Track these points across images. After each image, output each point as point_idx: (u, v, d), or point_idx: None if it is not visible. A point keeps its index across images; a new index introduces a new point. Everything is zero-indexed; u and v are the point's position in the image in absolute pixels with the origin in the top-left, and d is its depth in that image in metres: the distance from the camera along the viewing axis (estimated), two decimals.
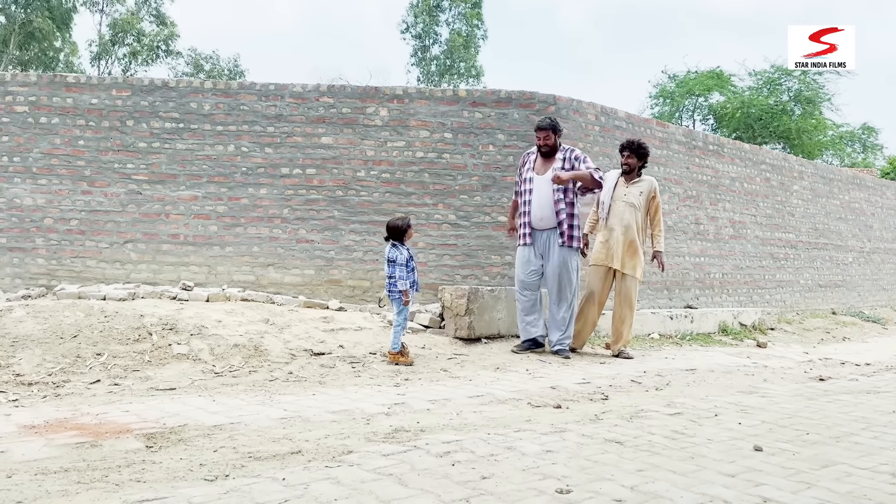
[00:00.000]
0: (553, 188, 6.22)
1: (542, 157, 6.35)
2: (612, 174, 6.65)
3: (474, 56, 38.10)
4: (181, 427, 3.32)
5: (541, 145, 6.31)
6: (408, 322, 5.76)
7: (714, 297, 9.88)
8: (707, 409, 4.21)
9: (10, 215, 7.63)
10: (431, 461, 2.87)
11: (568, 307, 6.29)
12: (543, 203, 6.25)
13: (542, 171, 6.32)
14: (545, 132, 6.27)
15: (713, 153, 10.05)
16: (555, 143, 6.31)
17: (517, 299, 6.44)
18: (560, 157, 6.30)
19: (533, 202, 6.29)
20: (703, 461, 3.02)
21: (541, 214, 6.26)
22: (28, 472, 2.61)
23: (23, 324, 5.39)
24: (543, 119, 6.34)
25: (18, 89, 7.75)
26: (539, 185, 6.29)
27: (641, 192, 6.46)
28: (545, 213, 6.25)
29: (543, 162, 6.35)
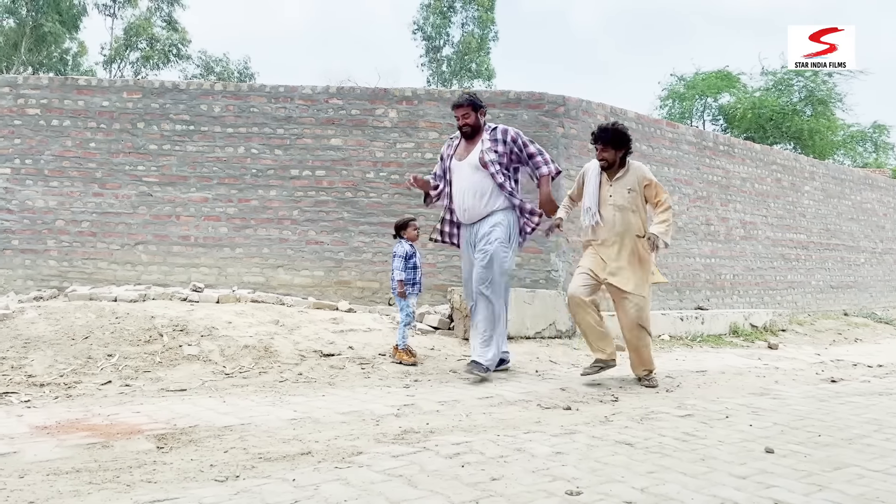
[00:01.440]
0: (480, 174, 5.20)
1: (466, 139, 5.37)
2: (592, 170, 5.34)
3: (486, 58, 38.10)
4: (192, 428, 3.33)
5: (461, 126, 5.32)
6: (413, 319, 5.74)
7: (725, 299, 9.84)
8: (718, 410, 4.19)
9: (23, 217, 7.68)
10: (441, 462, 2.87)
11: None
12: (467, 193, 5.25)
13: (464, 155, 5.32)
14: (464, 109, 5.28)
15: (724, 154, 10.01)
16: (477, 122, 5.30)
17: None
18: (487, 137, 5.27)
19: (455, 194, 5.36)
20: (714, 463, 3.01)
21: (464, 206, 5.28)
22: (40, 472, 2.62)
23: (35, 325, 5.42)
24: (461, 95, 5.39)
25: (30, 92, 7.80)
26: (461, 173, 5.30)
27: (629, 188, 5.12)
28: (469, 205, 5.25)
29: (466, 145, 5.36)
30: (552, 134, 7.83)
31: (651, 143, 8.92)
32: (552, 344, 6.78)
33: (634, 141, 8.66)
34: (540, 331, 6.93)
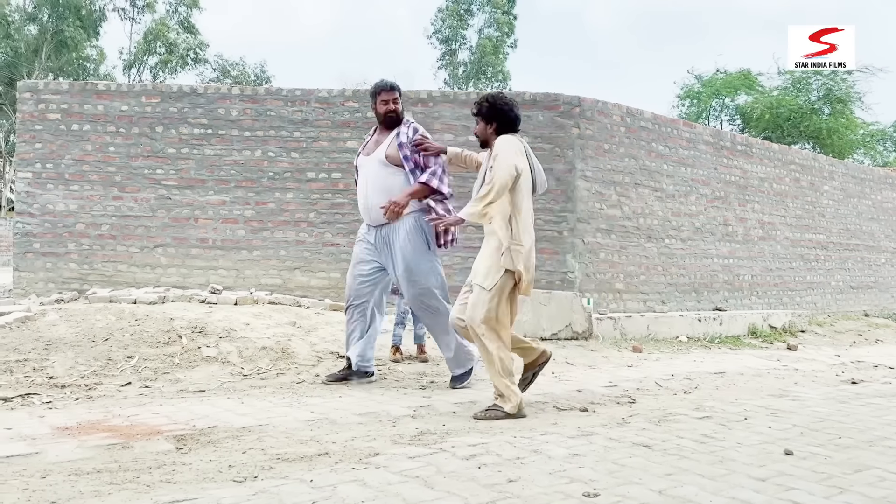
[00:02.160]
0: (387, 171, 4.61)
1: (386, 128, 4.74)
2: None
3: (502, 61, 38.09)
4: (210, 429, 3.36)
5: (389, 112, 4.70)
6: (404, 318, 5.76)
7: (743, 300, 9.76)
8: (736, 412, 4.16)
9: (44, 221, 7.78)
10: (458, 464, 2.87)
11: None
12: (371, 192, 4.60)
13: (372, 150, 4.71)
14: (393, 93, 4.74)
15: (741, 153, 9.94)
16: (401, 112, 4.77)
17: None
18: (403, 130, 4.68)
19: (360, 191, 4.73)
20: (733, 465, 2.99)
21: (368, 205, 4.63)
22: (62, 472, 2.66)
23: (56, 327, 5.49)
24: (388, 80, 4.86)
25: (51, 97, 7.90)
26: (367, 169, 4.70)
27: (490, 166, 4.15)
28: (373, 203, 4.59)
29: (377, 139, 4.76)
30: (568, 135, 7.82)
31: (668, 143, 8.87)
32: (568, 345, 6.76)
33: (651, 141, 8.67)
34: (556, 332, 6.91)
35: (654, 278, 8.63)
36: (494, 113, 4.22)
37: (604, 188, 8.13)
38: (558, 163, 7.80)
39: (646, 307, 8.47)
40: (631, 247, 8.39)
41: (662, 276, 8.73)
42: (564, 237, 7.77)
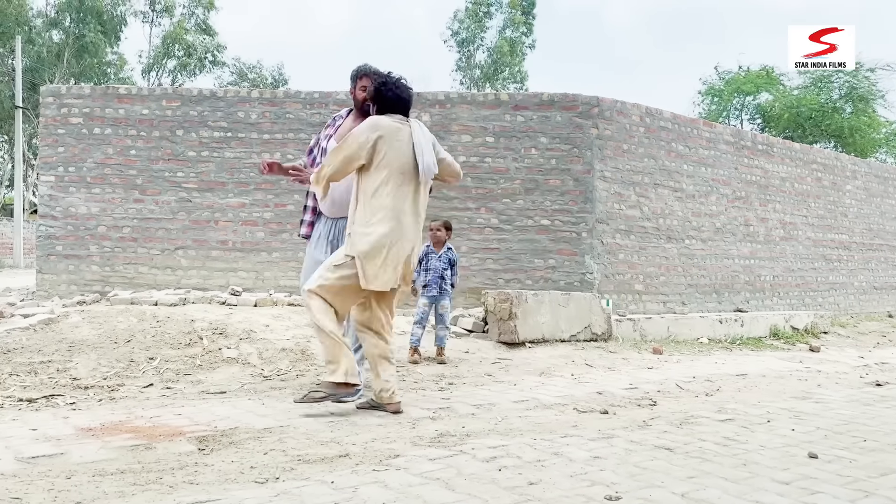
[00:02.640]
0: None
1: (361, 116, 4.38)
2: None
3: (520, 62, 38.06)
4: (232, 430, 3.38)
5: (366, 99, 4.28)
6: (422, 319, 5.80)
7: (765, 301, 9.67)
8: (759, 414, 4.12)
9: (66, 224, 7.87)
10: (478, 466, 2.87)
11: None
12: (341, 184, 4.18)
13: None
14: (368, 80, 4.35)
15: (762, 153, 9.84)
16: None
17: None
18: None
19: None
20: (756, 468, 2.96)
21: (333, 197, 4.27)
22: (86, 473, 2.68)
23: (79, 329, 5.56)
24: (367, 66, 4.53)
25: (73, 101, 8.00)
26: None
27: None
28: (338, 197, 4.28)
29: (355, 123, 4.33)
30: (586, 135, 7.79)
31: (688, 142, 8.81)
32: (587, 347, 6.73)
33: (671, 141, 8.61)
34: (575, 333, 6.89)
35: (675, 279, 8.57)
36: (375, 95, 4.08)
37: (623, 189, 8.08)
38: (576, 163, 7.78)
39: (666, 308, 8.41)
40: (650, 247, 8.34)
41: (683, 277, 8.67)
42: (583, 238, 7.74)
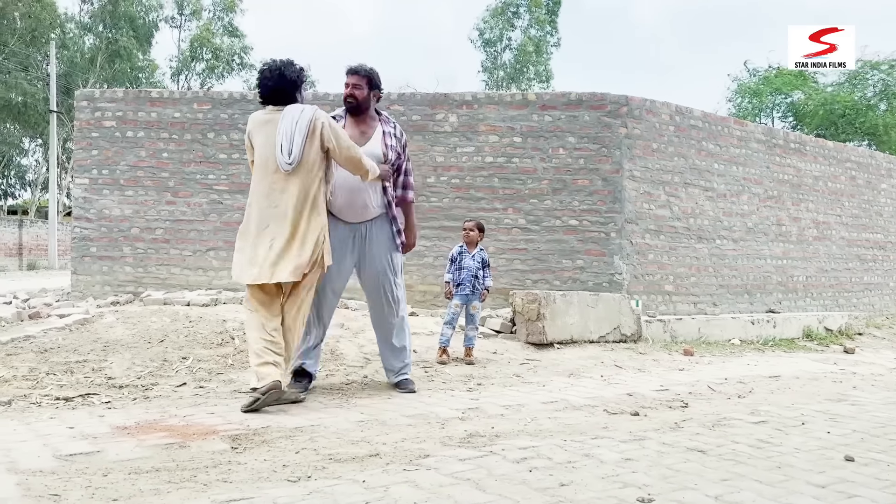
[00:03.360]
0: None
1: (352, 117, 4.47)
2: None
3: (545, 61, 37.98)
4: (264, 429, 3.41)
5: (346, 96, 4.40)
6: (452, 319, 5.82)
7: (798, 301, 9.52)
8: (793, 417, 4.06)
9: (100, 225, 8.02)
10: (508, 467, 2.86)
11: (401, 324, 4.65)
12: (360, 186, 4.31)
13: (359, 142, 4.32)
14: (357, 78, 4.41)
15: (794, 151, 9.69)
16: (366, 101, 4.44)
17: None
18: (390, 131, 4.50)
19: (341, 184, 4.33)
20: (791, 471, 2.91)
21: (360, 201, 4.37)
22: (122, 471, 2.73)
23: (113, 329, 5.65)
24: (361, 65, 4.51)
25: (106, 105, 8.14)
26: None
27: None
28: (364, 201, 4.37)
29: (358, 126, 4.44)
30: (615, 135, 7.74)
31: (718, 141, 8.71)
32: (617, 348, 6.69)
33: (701, 140, 8.53)
34: (604, 335, 6.84)
35: (705, 280, 8.48)
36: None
37: (652, 188, 8.01)
38: (605, 163, 7.73)
39: (696, 309, 8.32)
40: (681, 248, 8.25)
41: (714, 278, 8.57)
42: (612, 238, 7.68)
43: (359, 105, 4.43)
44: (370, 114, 4.52)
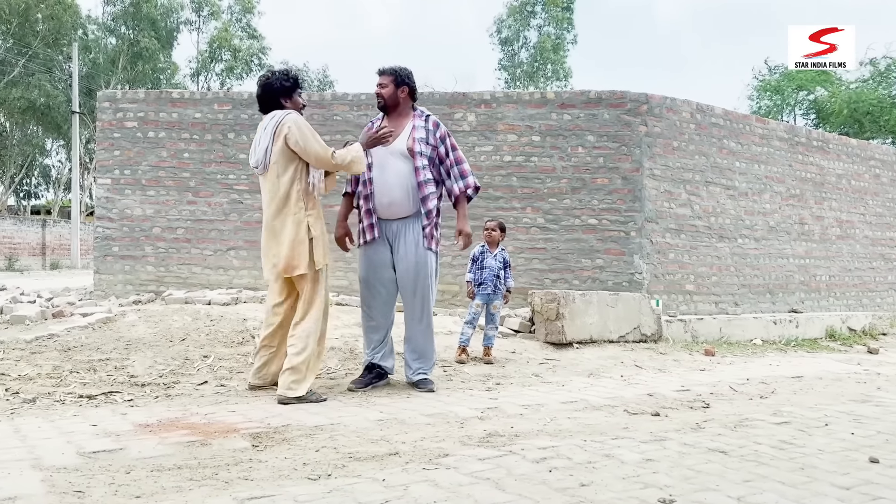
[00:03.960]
0: (412, 165, 4.46)
1: (387, 116, 4.62)
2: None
3: (563, 58, 37.86)
4: (284, 427, 3.43)
5: (376, 95, 4.58)
6: (472, 319, 5.83)
7: (820, 301, 9.40)
8: (816, 418, 4.01)
9: (122, 225, 8.10)
10: (528, 467, 2.85)
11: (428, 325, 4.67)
12: (393, 184, 4.46)
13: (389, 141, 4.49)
14: (384, 78, 4.55)
15: (817, 149, 9.57)
16: (394, 98, 4.53)
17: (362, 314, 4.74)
18: (421, 125, 4.54)
19: (377, 182, 4.48)
20: (815, 472, 2.88)
21: (388, 199, 4.48)
22: (144, 468, 2.75)
23: (135, 328, 5.71)
24: (390, 66, 4.63)
25: (128, 106, 8.22)
26: (386, 161, 4.48)
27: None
28: (396, 198, 4.47)
29: (390, 125, 4.55)
30: (634, 133, 7.69)
31: (740, 139, 8.63)
32: (637, 348, 6.64)
33: (722, 138, 8.45)
34: (624, 334, 6.80)
35: (727, 279, 8.40)
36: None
37: (673, 187, 7.96)
38: (625, 162, 7.69)
39: (718, 309, 8.25)
40: (702, 247, 8.18)
41: (735, 277, 8.49)
42: (632, 237, 7.64)
43: (386, 103, 4.55)
44: (402, 111, 4.59)
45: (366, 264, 4.59)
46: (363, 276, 4.62)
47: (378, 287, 4.56)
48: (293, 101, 4.35)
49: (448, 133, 4.63)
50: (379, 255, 4.53)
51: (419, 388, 4.55)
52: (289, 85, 4.33)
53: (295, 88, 4.37)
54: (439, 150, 4.56)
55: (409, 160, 4.45)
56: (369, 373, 4.61)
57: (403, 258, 4.50)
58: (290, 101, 4.34)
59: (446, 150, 4.58)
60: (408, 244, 4.50)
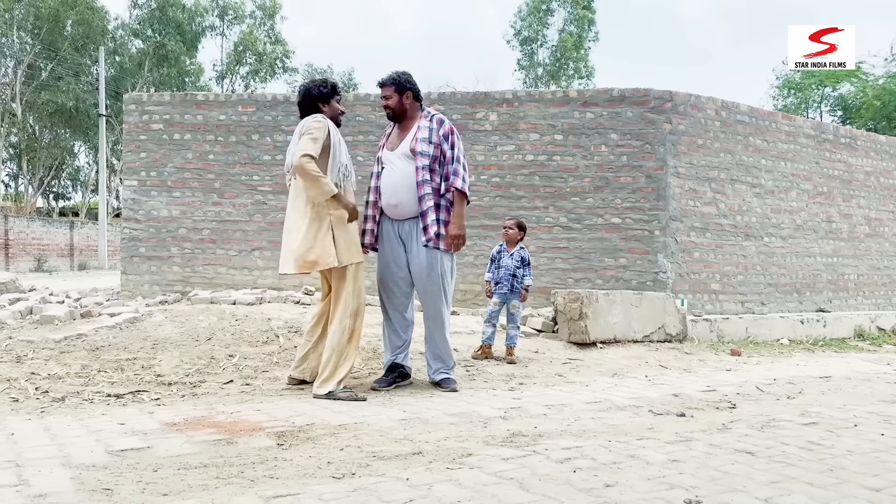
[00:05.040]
0: (414, 165, 4.50)
1: (396, 126, 4.72)
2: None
3: (584, 56, 37.71)
4: (309, 426, 3.45)
5: (384, 107, 4.70)
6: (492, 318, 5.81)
7: (848, 300, 9.25)
8: (845, 418, 3.95)
9: (149, 226, 8.20)
10: (552, 467, 2.84)
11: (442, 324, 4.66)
12: (399, 185, 4.55)
13: (396, 144, 4.63)
14: (385, 90, 4.63)
15: (845, 146, 9.42)
16: (400, 106, 4.60)
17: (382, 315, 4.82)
18: (425, 125, 4.56)
19: (384, 185, 4.62)
20: (844, 474, 2.84)
21: (395, 200, 4.57)
22: (171, 466, 2.79)
23: (162, 327, 5.78)
24: (388, 75, 4.66)
25: (154, 108, 8.32)
26: (393, 164, 4.60)
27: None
28: (401, 199, 4.55)
29: (399, 133, 4.66)
30: (659, 131, 7.63)
31: (766, 136, 8.52)
32: (661, 348, 6.59)
33: (748, 135, 8.36)
34: (648, 334, 6.75)
35: (753, 278, 8.30)
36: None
37: (698, 185, 7.88)
38: (649, 160, 7.63)
39: (744, 308, 8.15)
40: (727, 245, 8.10)
41: (762, 276, 8.38)
42: (656, 236, 7.58)
43: (395, 113, 4.64)
44: (411, 115, 4.65)
45: (380, 264, 4.69)
46: (378, 277, 4.70)
47: (392, 286, 4.64)
48: (330, 107, 4.49)
49: (452, 131, 4.61)
50: (393, 254, 4.61)
51: (442, 387, 4.57)
52: (326, 91, 4.49)
53: (333, 95, 4.51)
54: (442, 148, 4.56)
55: (412, 161, 4.52)
56: (392, 372, 4.65)
57: (416, 257, 4.56)
58: (328, 106, 4.48)
59: (447, 147, 4.58)
60: (415, 243, 4.55)
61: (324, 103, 4.46)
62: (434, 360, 4.68)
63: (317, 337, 4.50)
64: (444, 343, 4.67)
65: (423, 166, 4.48)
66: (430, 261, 4.52)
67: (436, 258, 4.53)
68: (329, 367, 4.20)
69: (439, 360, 4.66)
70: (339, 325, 4.29)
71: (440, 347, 4.66)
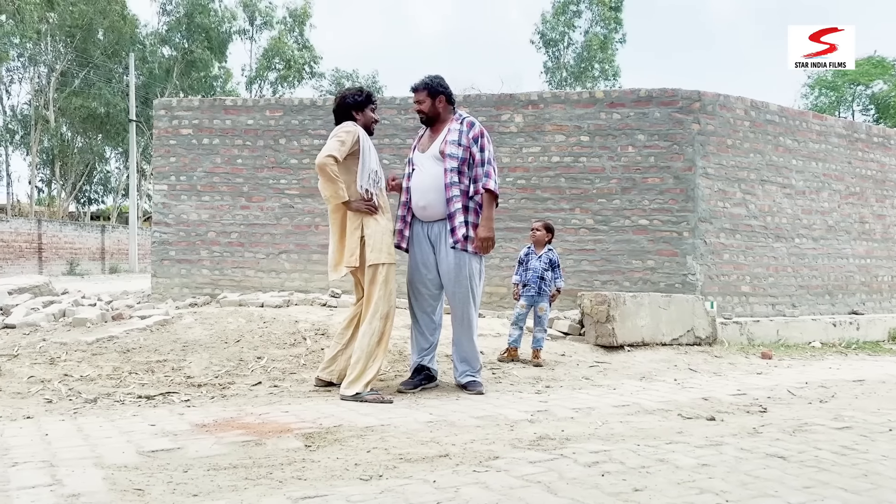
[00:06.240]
0: (443, 167, 4.53)
1: (429, 129, 4.78)
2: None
3: (610, 57, 37.50)
4: (336, 427, 3.47)
5: (418, 112, 4.76)
6: (519, 320, 5.82)
7: (883, 303, 9.07)
8: (880, 423, 3.87)
9: (179, 230, 8.31)
10: (580, 470, 2.82)
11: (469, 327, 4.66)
12: (427, 187, 4.60)
13: (427, 146, 4.69)
14: (418, 95, 4.68)
15: (878, 146, 9.25)
16: (433, 110, 4.66)
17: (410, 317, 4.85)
18: (455, 127, 4.61)
19: (415, 189, 4.67)
20: (879, 479, 2.78)
21: (424, 202, 4.62)
22: (201, 467, 2.82)
23: (191, 330, 5.85)
24: (420, 80, 4.72)
25: (183, 113, 8.44)
26: (422, 165, 4.67)
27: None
28: (430, 200, 4.59)
29: (430, 135, 4.73)
30: (686, 131, 7.55)
31: (797, 136, 8.39)
32: (691, 351, 6.52)
33: (778, 135, 8.24)
34: (676, 337, 6.68)
35: (784, 280, 8.17)
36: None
37: (727, 186, 7.78)
38: (677, 160, 7.55)
39: (775, 311, 8.03)
40: (758, 247, 7.98)
41: (793, 278, 8.25)
42: (684, 238, 7.50)
43: (428, 117, 4.71)
44: (444, 118, 4.70)
45: (410, 265, 4.73)
46: (407, 278, 4.73)
47: (420, 288, 4.67)
48: (364, 115, 4.59)
49: (483, 134, 4.64)
50: (423, 256, 4.65)
51: (468, 389, 4.56)
52: (360, 100, 4.59)
53: (367, 104, 4.60)
54: (472, 150, 4.57)
55: (441, 163, 4.56)
56: (418, 374, 4.66)
57: (444, 259, 4.57)
58: (362, 114, 4.58)
59: (477, 150, 4.59)
60: (443, 245, 4.58)
61: (357, 111, 4.56)
62: (461, 362, 4.67)
63: (347, 339, 4.55)
64: (472, 346, 4.66)
65: (452, 168, 4.51)
66: (458, 263, 4.53)
67: (464, 260, 4.54)
68: (357, 368, 4.23)
69: (466, 363, 4.66)
70: (368, 327, 4.32)
71: (467, 350, 4.65)
